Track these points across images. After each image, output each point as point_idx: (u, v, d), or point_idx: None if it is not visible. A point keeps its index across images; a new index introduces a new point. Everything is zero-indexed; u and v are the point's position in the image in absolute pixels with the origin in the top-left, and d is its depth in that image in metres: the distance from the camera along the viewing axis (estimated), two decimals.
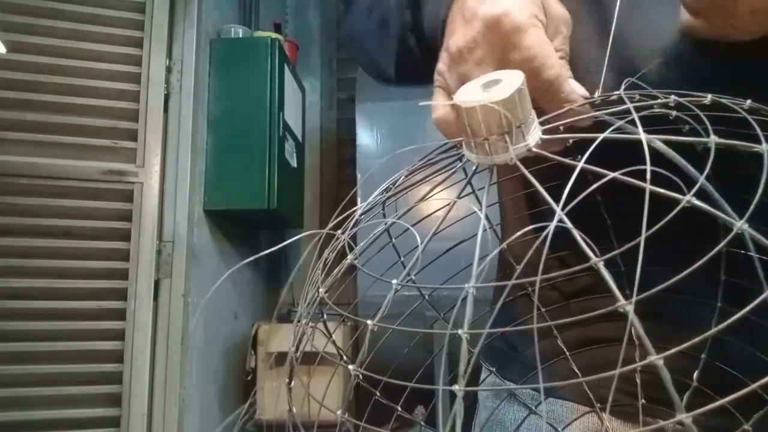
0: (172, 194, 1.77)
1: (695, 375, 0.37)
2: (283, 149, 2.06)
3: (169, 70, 1.80)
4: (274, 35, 2.13)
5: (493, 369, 0.49)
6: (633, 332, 0.19)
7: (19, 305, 1.55)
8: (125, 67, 1.74)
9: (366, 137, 2.30)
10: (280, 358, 2.00)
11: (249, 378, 2.06)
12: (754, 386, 0.18)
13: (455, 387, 0.21)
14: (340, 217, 0.28)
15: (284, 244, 0.30)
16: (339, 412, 0.20)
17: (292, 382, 0.25)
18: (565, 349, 0.42)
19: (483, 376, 0.49)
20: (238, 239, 2.23)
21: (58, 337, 1.58)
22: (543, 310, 0.43)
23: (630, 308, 0.20)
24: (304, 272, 0.32)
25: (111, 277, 1.65)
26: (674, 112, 0.27)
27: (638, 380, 0.39)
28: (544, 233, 0.21)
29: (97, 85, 1.70)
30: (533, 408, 0.45)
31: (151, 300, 1.67)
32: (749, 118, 0.24)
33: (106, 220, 1.67)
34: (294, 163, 2.23)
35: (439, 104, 0.33)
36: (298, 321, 0.27)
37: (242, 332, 2.13)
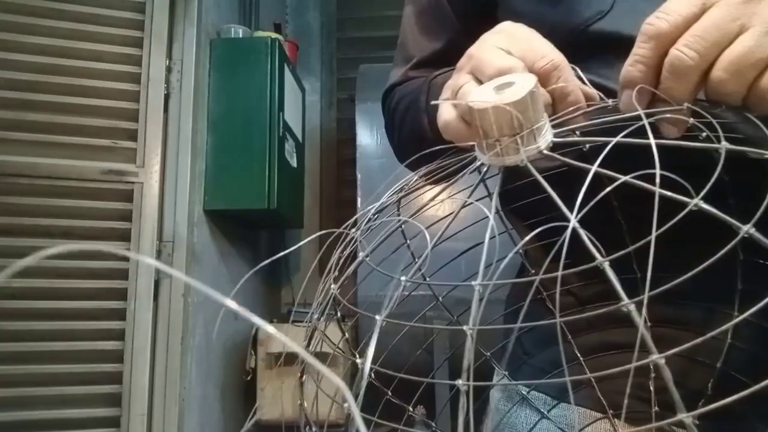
0: (172, 194, 1.77)
1: (710, 384, 0.37)
2: (283, 149, 2.06)
3: (169, 70, 1.79)
4: (274, 35, 2.13)
5: (506, 372, 0.49)
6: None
7: (19, 305, 1.55)
8: (125, 67, 1.74)
9: (366, 137, 2.30)
10: (280, 358, 2.00)
11: (249, 378, 2.06)
12: (757, 387, 0.18)
13: (459, 382, 0.21)
14: (353, 218, 0.28)
15: (292, 249, 0.30)
16: (346, 405, 0.20)
17: (303, 377, 0.25)
18: (579, 355, 0.42)
19: (495, 379, 0.49)
20: (238, 239, 2.22)
21: (58, 337, 1.57)
22: (558, 314, 0.43)
23: (633, 308, 0.20)
24: (305, 273, 0.32)
25: (111, 277, 1.65)
26: (691, 120, 0.27)
27: (651, 387, 0.39)
28: (560, 241, 0.21)
29: (97, 85, 1.70)
30: (545, 413, 0.45)
31: (151, 300, 1.67)
32: (761, 124, 0.24)
33: (106, 220, 1.67)
34: (294, 163, 2.23)
35: (447, 102, 0.33)
36: (310, 320, 0.27)
37: (242, 332, 2.13)
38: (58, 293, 1.59)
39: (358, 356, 0.24)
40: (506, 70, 0.31)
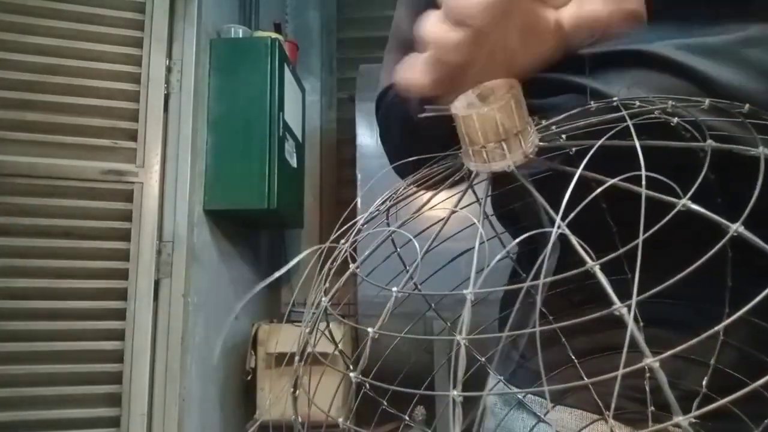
0: (172, 194, 1.77)
1: (704, 382, 0.37)
2: (283, 149, 2.06)
3: (169, 70, 1.79)
4: (274, 35, 2.13)
5: (502, 377, 0.49)
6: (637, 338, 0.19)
7: (19, 305, 1.55)
8: (125, 67, 1.74)
9: (366, 137, 2.30)
10: (280, 358, 2.00)
11: (249, 378, 2.06)
12: (754, 386, 0.18)
13: (454, 393, 0.21)
14: (343, 228, 0.29)
15: (289, 265, 0.30)
16: (341, 420, 0.20)
17: (297, 391, 0.25)
18: (574, 357, 0.42)
19: (492, 383, 0.49)
20: (238, 239, 2.23)
21: (58, 337, 1.58)
22: (550, 318, 0.43)
23: (625, 311, 0.20)
24: (304, 273, 0.32)
25: (111, 277, 1.65)
26: (675, 119, 0.27)
27: (647, 387, 0.39)
28: (548, 246, 0.21)
29: (97, 85, 1.70)
30: (542, 416, 0.45)
31: (151, 300, 1.67)
32: (746, 122, 0.24)
33: (106, 220, 1.67)
34: (294, 163, 2.23)
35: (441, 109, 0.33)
36: (302, 329, 0.27)
37: (242, 332, 2.13)
38: (58, 293, 1.59)
39: (350, 366, 0.24)
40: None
